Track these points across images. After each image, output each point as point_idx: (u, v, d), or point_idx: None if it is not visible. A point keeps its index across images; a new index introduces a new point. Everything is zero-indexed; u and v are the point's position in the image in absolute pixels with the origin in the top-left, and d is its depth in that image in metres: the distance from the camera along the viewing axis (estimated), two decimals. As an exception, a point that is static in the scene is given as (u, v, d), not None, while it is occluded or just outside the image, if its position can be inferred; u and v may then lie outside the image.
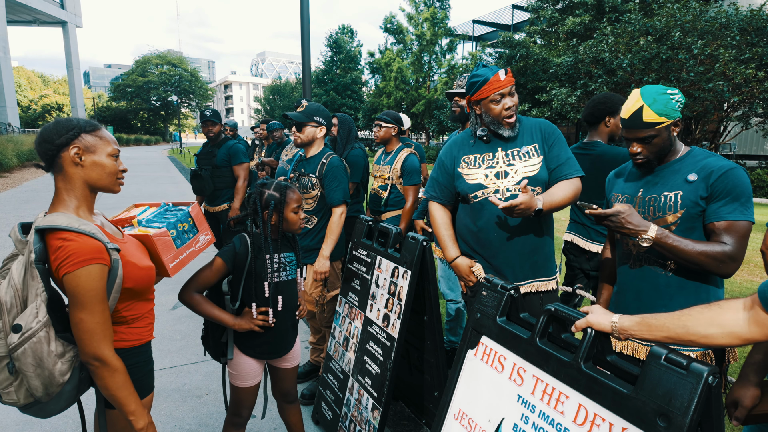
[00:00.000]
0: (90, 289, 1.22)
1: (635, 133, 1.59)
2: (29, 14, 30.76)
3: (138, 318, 1.44)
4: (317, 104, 2.63)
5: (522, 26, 27.08)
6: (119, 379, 1.29)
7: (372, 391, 2.13)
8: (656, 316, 1.15)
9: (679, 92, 1.57)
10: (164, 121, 59.41)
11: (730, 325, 1.05)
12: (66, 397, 1.33)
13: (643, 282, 1.66)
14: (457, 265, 2.11)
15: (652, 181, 1.66)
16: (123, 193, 11.44)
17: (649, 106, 1.54)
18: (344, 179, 2.59)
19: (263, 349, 1.86)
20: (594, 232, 2.73)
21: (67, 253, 1.20)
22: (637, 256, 1.68)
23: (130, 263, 1.36)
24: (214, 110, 4.26)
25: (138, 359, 1.45)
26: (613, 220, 1.56)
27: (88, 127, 1.33)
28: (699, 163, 1.56)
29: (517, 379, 1.40)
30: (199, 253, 1.72)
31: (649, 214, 1.63)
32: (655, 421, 1.01)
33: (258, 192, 1.81)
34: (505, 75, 1.93)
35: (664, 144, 1.59)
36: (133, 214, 1.70)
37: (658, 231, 1.51)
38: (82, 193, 1.33)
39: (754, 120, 13.58)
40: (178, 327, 3.79)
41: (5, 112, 25.44)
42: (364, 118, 34.65)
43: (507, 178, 1.98)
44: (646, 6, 15.93)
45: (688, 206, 1.53)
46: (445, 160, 2.17)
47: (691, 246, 1.47)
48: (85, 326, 1.23)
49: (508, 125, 1.98)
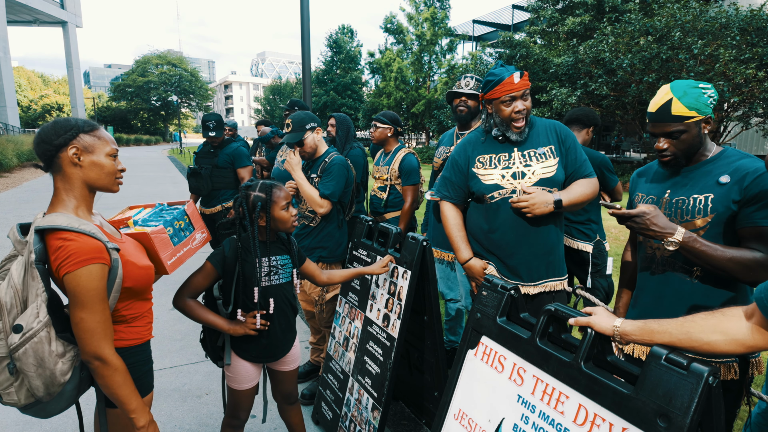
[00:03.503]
0: (91, 288, 1.22)
1: (662, 127, 1.50)
2: (29, 14, 30.76)
3: (137, 317, 1.45)
4: (299, 113, 2.58)
5: (522, 26, 27.07)
6: (120, 377, 1.30)
7: (372, 391, 2.13)
8: (659, 321, 1.14)
9: (713, 88, 1.48)
10: (164, 121, 59.38)
11: (733, 333, 1.04)
12: (67, 397, 1.33)
13: (666, 288, 1.58)
14: (471, 266, 2.09)
15: (680, 183, 1.56)
16: (123, 194, 11.44)
17: (679, 99, 1.46)
18: (340, 177, 2.54)
19: (259, 353, 1.85)
20: (575, 230, 2.74)
21: (68, 252, 1.20)
22: (661, 261, 1.59)
23: (130, 262, 1.36)
24: (217, 120, 4.13)
25: (137, 358, 1.46)
26: (637, 221, 1.48)
27: (86, 127, 1.33)
28: (732, 165, 1.46)
29: (517, 379, 1.39)
30: (196, 251, 1.72)
31: (675, 217, 1.54)
32: (655, 422, 1.01)
33: (243, 195, 1.75)
34: (519, 78, 1.92)
35: (694, 141, 1.49)
36: (128, 216, 1.70)
37: (686, 234, 1.42)
38: (80, 193, 1.33)
39: (754, 120, 13.57)
40: (178, 327, 3.79)
41: (5, 112, 25.44)
42: (364, 119, 34.64)
43: (524, 179, 1.98)
44: (646, 6, 15.92)
45: (719, 210, 1.44)
46: (459, 159, 2.16)
47: (720, 252, 1.38)
48: (86, 325, 1.23)
49: (516, 129, 1.98)
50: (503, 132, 2.02)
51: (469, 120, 2.89)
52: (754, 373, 1.53)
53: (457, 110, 2.89)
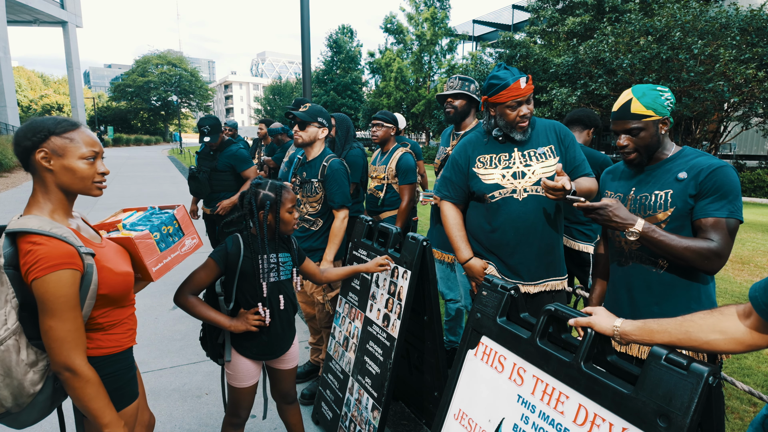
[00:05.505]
0: (60, 295, 1.15)
1: (623, 124, 1.62)
2: (29, 14, 30.75)
3: (115, 324, 1.38)
4: (319, 106, 2.64)
5: (522, 26, 27.08)
6: (92, 390, 1.22)
7: (372, 391, 2.13)
8: (658, 321, 1.16)
9: (670, 92, 1.61)
10: (164, 121, 59.42)
11: (732, 332, 1.05)
12: (39, 408, 1.28)
13: (634, 279, 1.68)
14: (471, 266, 2.10)
15: (644, 180, 1.68)
16: (123, 193, 11.45)
17: (638, 99, 1.58)
18: (344, 182, 2.58)
19: (259, 350, 1.86)
20: (575, 231, 2.74)
21: (36, 257, 1.14)
22: (629, 254, 1.70)
23: (106, 268, 1.30)
24: (212, 125, 4.00)
25: (118, 367, 1.39)
26: (600, 213, 1.58)
27: (58, 129, 1.25)
28: (689, 162, 1.58)
29: (517, 379, 1.39)
30: (184, 258, 1.67)
31: (640, 212, 1.65)
32: (655, 422, 1.01)
33: (253, 192, 1.79)
34: (525, 83, 1.93)
35: (651, 140, 1.61)
36: (119, 218, 1.67)
37: (645, 225, 1.52)
38: (57, 196, 1.27)
39: (754, 120, 13.58)
40: (178, 327, 3.79)
41: (5, 112, 25.44)
42: (364, 118, 34.66)
43: (524, 179, 2.00)
44: (646, 6, 15.93)
45: (678, 204, 1.56)
46: (459, 159, 2.17)
47: (677, 241, 1.49)
48: (55, 334, 1.17)
49: (521, 129, 2.00)
50: (506, 132, 2.03)
51: (459, 120, 2.89)
52: (722, 357, 1.62)
53: (445, 112, 2.92)
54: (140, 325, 3.79)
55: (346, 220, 2.58)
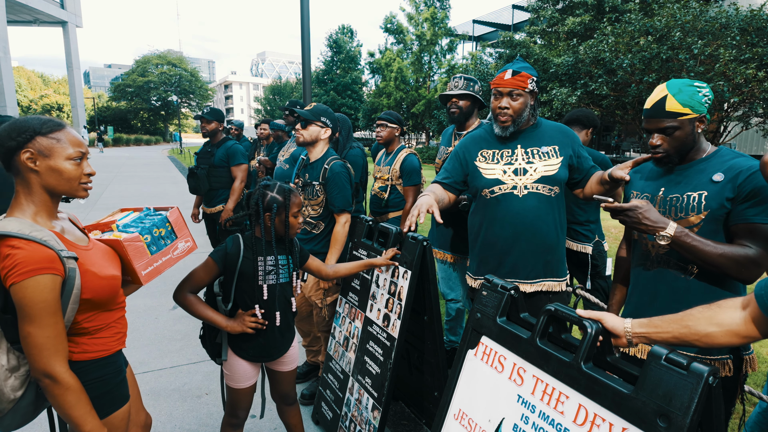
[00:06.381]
0: (39, 301, 1.12)
1: (656, 123, 1.52)
2: (29, 14, 30.74)
3: (102, 328, 1.35)
4: (325, 106, 2.60)
5: (522, 26, 27.07)
6: (73, 397, 1.19)
7: (372, 391, 2.13)
8: (662, 317, 1.16)
9: (709, 88, 1.50)
10: (164, 121, 59.37)
11: (728, 324, 1.06)
12: (23, 413, 1.26)
13: (660, 285, 1.58)
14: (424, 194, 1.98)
15: (674, 180, 1.57)
16: (123, 193, 11.45)
17: (674, 95, 1.48)
18: (346, 186, 2.53)
19: (256, 352, 1.85)
20: (574, 232, 2.73)
21: (14, 261, 1.11)
22: (656, 258, 1.59)
23: (90, 272, 1.26)
24: (213, 108, 4.21)
25: (106, 371, 1.37)
26: (629, 215, 1.49)
27: (44, 129, 1.22)
28: (726, 163, 1.48)
29: (517, 379, 1.40)
30: (177, 261, 1.64)
31: (670, 214, 1.55)
32: (655, 422, 1.01)
33: (260, 193, 1.76)
34: (510, 76, 1.94)
35: (687, 139, 1.50)
36: (114, 219, 1.65)
37: (678, 229, 1.43)
38: (41, 198, 1.24)
39: (754, 120, 13.56)
40: (178, 327, 3.79)
41: (5, 112, 25.42)
42: (364, 118, 34.63)
43: (526, 176, 2.00)
44: (646, 6, 15.92)
45: (713, 207, 1.45)
46: (461, 152, 2.18)
47: (712, 247, 1.39)
48: (34, 341, 1.14)
49: (500, 123, 2.01)
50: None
51: (463, 121, 2.89)
52: (747, 370, 1.53)
53: (450, 112, 2.90)
54: (140, 325, 3.79)
55: (347, 225, 2.54)
